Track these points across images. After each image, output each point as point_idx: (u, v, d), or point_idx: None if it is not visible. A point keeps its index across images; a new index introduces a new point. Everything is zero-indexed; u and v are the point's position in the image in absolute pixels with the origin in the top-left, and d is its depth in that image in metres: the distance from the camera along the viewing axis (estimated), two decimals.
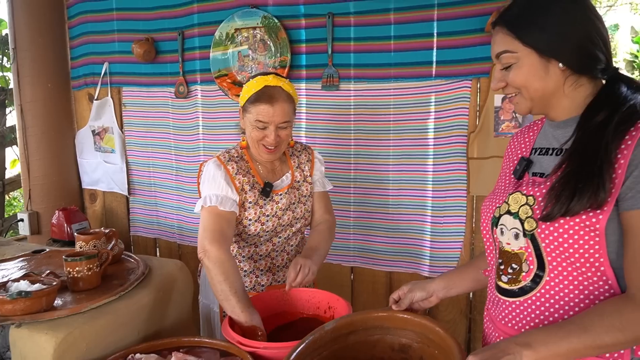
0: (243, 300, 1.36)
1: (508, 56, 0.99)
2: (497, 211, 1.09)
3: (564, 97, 1.01)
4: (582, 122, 0.98)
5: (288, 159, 1.68)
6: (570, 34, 0.95)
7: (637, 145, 0.89)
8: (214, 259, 1.41)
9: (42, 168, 2.84)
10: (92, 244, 1.47)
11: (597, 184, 0.89)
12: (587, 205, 0.90)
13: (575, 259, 0.94)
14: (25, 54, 2.74)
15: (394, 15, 2.07)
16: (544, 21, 0.96)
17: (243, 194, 1.55)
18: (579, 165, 0.93)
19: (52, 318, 1.20)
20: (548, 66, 0.98)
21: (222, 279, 1.39)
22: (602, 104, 0.96)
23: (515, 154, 1.17)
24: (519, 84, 1.01)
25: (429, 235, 2.14)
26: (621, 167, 0.89)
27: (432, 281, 1.28)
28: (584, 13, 0.96)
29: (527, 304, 1.02)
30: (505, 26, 0.99)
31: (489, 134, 1.97)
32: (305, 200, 1.67)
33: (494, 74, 1.05)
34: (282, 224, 1.61)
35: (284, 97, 1.50)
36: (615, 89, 0.97)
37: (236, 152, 1.61)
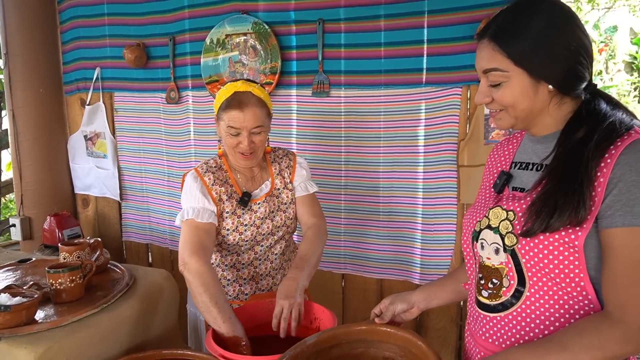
0: (224, 311, 1.35)
1: (498, 74, 0.97)
2: (477, 225, 1.09)
3: (547, 115, 1.00)
4: (562, 139, 0.97)
5: (269, 166, 1.66)
6: (562, 56, 0.93)
7: (616, 163, 0.88)
8: (193, 271, 1.40)
9: (34, 173, 2.83)
10: (75, 255, 1.46)
11: (578, 202, 0.89)
12: (567, 222, 0.90)
13: (555, 274, 0.93)
14: (17, 59, 2.73)
15: (384, 22, 2.06)
16: (536, 41, 0.93)
17: (221, 204, 1.55)
18: (559, 182, 0.92)
19: (31, 332, 1.19)
20: (538, 87, 0.96)
21: (202, 290, 1.38)
22: (582, 121, 0.96)
23: (495, 167, 1.16)
24: (506, 104, 0.99)
25: (420, 242, 2.13)
26: (601, 185, 0.89)
27: (413, 293, 1.29)
28: (575, 32, 0.94)
29: (507, 320, 1.02)
30: (495, 42, 0.96)
31: (479, 142, 1.96)
32: (285, 207, 1.65)
33: (479, 87, 1.02)
34: (261, 233, 1.60)
35: (254, 102, 1.49)
36: (594, 105, 0.97)
37: (214, 162, 1.61)
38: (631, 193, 0.86)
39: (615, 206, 0.87)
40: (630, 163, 0.87)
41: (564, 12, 0.96)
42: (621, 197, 0.87)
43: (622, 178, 0.87)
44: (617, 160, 0.88)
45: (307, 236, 1.65)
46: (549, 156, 0.97)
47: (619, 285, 0.88)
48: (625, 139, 0.89)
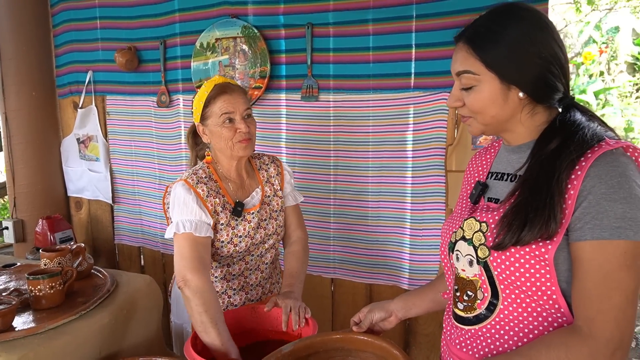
0: (223, 334, 1.35)
1: (469, 77, 0.97)
2: (453, 236, 1.08)
3: (519, 123, 0.99)
4: (535, 150, 0.96)
5: (257, 173, 1.64)
6: (533, 63, 0.93)
7: (586, 175, 0.87)
8: (194, 289, 1.36)
9: (27, 176, 2.84)
10: (56, 261, 1.46)
11: (548, 215, 0.88)
12: (538, 236, 0.89)
13: (527, 287, 0.93)
14: (10, 62, 2.74)
15: (372, 27, 2.05)
16: (508, 47, 0.93)
17: (216, 216, 1.50)
18: (531, 195, 0.92)
19: (7, 339, 1.19)
20: (508, 93, 0.95)
21: (202, 310, 1.35)
22: (556, 132, 0.95)
23: (473, 177, 1.15)
24: (476, 109, 0.98)
25: (408, 247, 2.12)
26: (571, 198, 0.88)
27: (392, 301, 1.28)
28: (548, 42, 0.94)
29: (482, 332, 1.01)
30: (469, 44, 0.97)
31: (466, 147, 1.95)
32: (276, 215, 1.64)
33: (452, 90, 1.02)
34: (254, 243, 1.58)
35: (238, 88, 1.54)
36: (569, 116, 0.96)
37: (204, 172, 1.54)
38: (600, 206, 0.85)
39: (585, 219, 0.86)
40: (600, 175, 0.86)
41: (539, 21, 0.95)
42: (590, 209, 0.86)
43: (591, 190, 0.86)
44: (587, 173, 0.87)
45: (295, 252, 1.66)
46: (523, 167, 0.97)
47: (587, 299, 0.87)
48: (596, 151, 0.88)
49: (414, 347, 2.22)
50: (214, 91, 1.49)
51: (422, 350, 2.20)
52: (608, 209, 0.84)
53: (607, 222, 0.84)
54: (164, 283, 2.78)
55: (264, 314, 1.53)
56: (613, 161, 0.86)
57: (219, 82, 1.52)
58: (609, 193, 0.85)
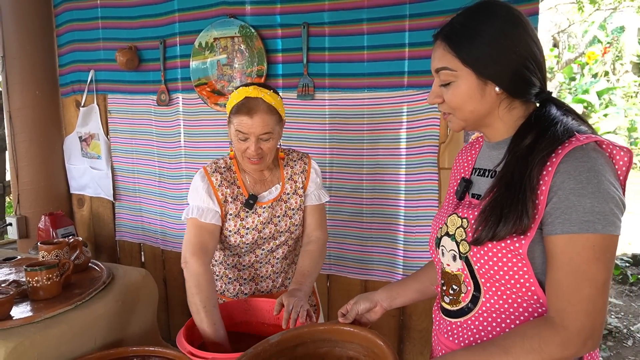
0: (210, 316, 1.39)
1: (447, 73, 0.99)
2: (439, 232, 1.11)
3: (497, 118, 1.02)
4: (511, 146, 0.99)
5: (281, 169, 1.63)
6: (508, 58, 0.95)
7: (556, 171, 0.89)
8: (191, 271, 1.44)
9: (30, 174, 2.89)
10: (54, 254, 1.50)
11: (521, 211, 0.90)
12: (512, 231, 0.91)
13: (505, 280, 0.96)
14: (14, 62, 2.80)
15: (366, 26, 2.09)
16: (484, 43, 0.95)
17: (226, 205, 1.54)
18: (506, 191, 0.94)
19: (4, 327, 1.23)
20: (485, 88, 0.98)
21: (195, 292, 1.41)
22: (531, 127, 0.97)
23: (458, 173, 1.18)
24: (454, 105, 1.01)
25: (402, 244, 2.15)
26: (543, 194, 0.90)
27: (376, 292, 1.31)
28: (523, 37, 0.96)
29: (467, 324, 1.04)
30: (446, 42, 0.99)
31: (459, 145, 1.98)
32: (292, 213, 1.62)
33: (432, 87, 1.05)
34: (263, 237, 1.59)
35: (264, 109, 1.46)
36: (545, 111, 0.98)
37: (224, 162, 1.59)
38: (569, 201, 0.87)
39: (555, 214, 0.89)
40: (569, 171, 0.88)
41: (513, 17, 0.98)
42: (560, 205, 0.88)
43: (561, 186, 0.88)
44: (557, 168, 0.89)
45: (311, 252, 1.63)
46: (501, 163, 0.99)
47: (559, 292, 0.89)
48: (566, 146, 0.90)
49: (408, 343, 2.24)
50: (239, 105, 1.46)
51: (415, 346, 2.23)
52: (577, 203, 0.87)
53: (575, 217, 0.87)
54: (164, 279, 2.83)
55: (257, 307, 1.56)
56: (582, 157, 0.89)
57: (251, 95, 1.46)
58: (577, 188, 0.87)
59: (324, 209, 1.70)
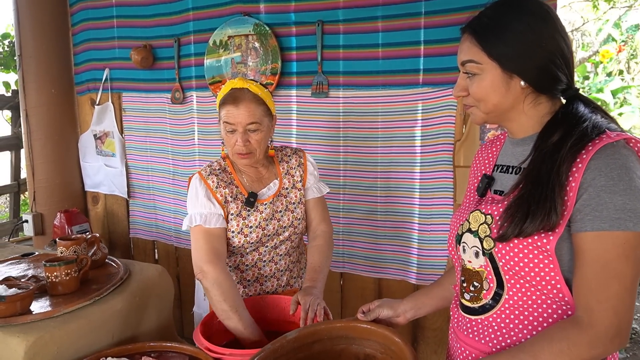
0: (244, 318, 1.40)
1: (472, 66, 0.99)
2: (460, 229, 1.10)
3: (522, 113, 1.01)
4: (538, 142, 0.98)
5: (277, 165, 1.63)
6: (534, 53, 0.95)
7: (587, 168, 0.88)
8: (211, 280, 1.42)
9: (46, 171, 2.92)
10: (72, 250, 1.51)
11: (550, 207, 0.90)
12: (540, 227, 0.91)
13: (531, 277, 0.95)
14: (30, 61, 2.83)
15: (381, 23, 2.08)
16: (510, 37, 0.95)
17: (227, 206, 1.53)
18: (533, 187, 0.93)
19: (25, 322, 1.24)
20: (510, 82, 0.97)
21: (221, 299, 1.40)
22: (558, 124, 0.96)
23: (479, 170, 1.17)
24: (479, 97, 1.01)
25: (417, 242, 2.14)
26: (572, 190, 0.89)
27: (401, 302, 1.29)
28: (551, 33, 0.96)
29: (487, 322, 1.03)
30: (473, 35, 0.99)
31: (474, 143, 1.96)
32: (293, 207, 1.62)
33: (458, 80, 1.05)
34: (267, 234, 1.57)
35: (250, 98, 1.46)
36: (572, 108, 0.97)
37: (218, 164, 1.59)
38: (600, 198, 0.87)
39: (585, 210, 0.88)
40: (600, 168, 0.88)
41: (544, 13, 0.97)
42: (590, 201, 0.87)
43: (592, 183, 0.88)
44: (588, 165, 0.88)
45: (319, 246, 1.63)
46: (527, 159, 0.99)
47: (587, 289, 0.88)
48: (597, 143, 0.89)
49: (422, 342, 2.23)
50: (225, 97, 1.49)
51: (429, 345, 2.21)
52: (608, 200, 0.86)
53: (606, 214, 0.86)
54: (177, 276, 2.84)
55: (273, 304, 1.57)
56: (614, 153, 0.88)
57: (236, 86, 1.49)
58: (608, 185, 0.86)
59: (325, 202, 1.71)
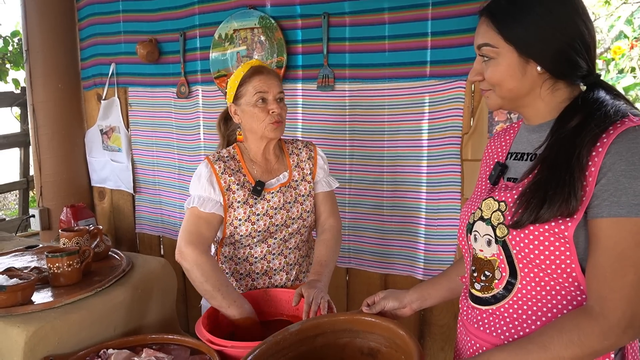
0: (228, 296, 1.38)
1: (488, 50, 0.97)
2: (471, 217, 1.07)
3: (539, 99, 0.98)
4: (555, 127, 0.95)
5: (287, 157, 1.63)
6: (552, 38, 0.92)
7: (607, 152, 0.85)
8: (190, 262, 1.42)
9: (53, 166, 2.93)
10: (74, 241, 1.51)
11: (569, 192, 0.87)
12: (558, 213, 0.88)
13: (546, 265, 0.92)
14: (37, 55, 2.83)
15: (388, 15, 2.05)
16: (528, 20, 0.93)
17: (230, 194, 1.52)
18: (550, 172, 0.90)
19: (26, 312, 1.24)
20: (526, 67, 0.95)
21: (203, 280, 1.40)
22: (578, 110, 0.93)
23: (492, 158, 1.14)
24: (494, 82, 0.99)
25: (423, 237, 2.11)
26: (592, 175, 0.86)
27: (407, 292, 1.27)
28: (570, 16, 0.93)
29: (499, 312, 1.01)
30: (489, 18, 0.97)
31: (482, 136, 1.93)
32: (303, 200, 1.61)
33: (474, 65, 1.03)
34: (275, 224, 1.56)
35: (273, 72, 1.56)
36: (592, 95, 0.94)
37: (227, 152, 1.59)
38: (619, 183, 0.83)
39: (603, 196, 0.85)
40: (621, 152, 0.84)
41: None
42: (609, 186, 0.84)
43: (611, 167, 0.85)
44: (609, 149, 0.85)
45: (326, 240, 1.62)
46: (542, 145, 0.96)
47: (601, 277, 0.86)
48: (619, 127, 0.86)
49: (429, 338, 2.20)
50: (250, 71, 1.52)
51: (436, 342, 2.19)
52: (627, 186, 0.83)
53: (625, 200, 0.83)
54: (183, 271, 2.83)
55: (276, 298, 1.55)
56: (636, 138, 0.85)
57: (255, 64, 1.55)
58: (628, 170, 0.83)
59: (334, 196, 1.70)
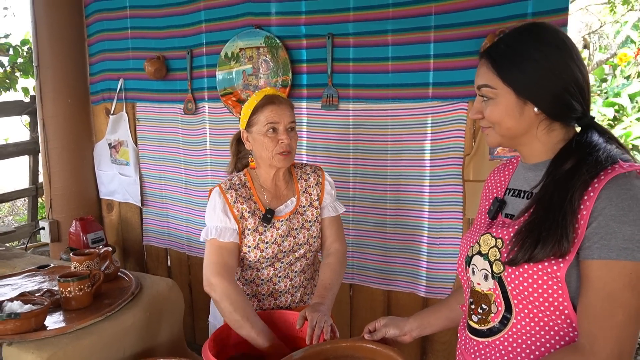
0: (256, 325, 1.43)
1: (488, 90, 1.02)
2: (470, 250, 1.11)
3: (535, 139, 1.02)
4: (550, 169, 0.99)
5: (295, 183, 1.66)
6: (549, 82, 0.96)
7: (598, 197, 0.89)
8: (220, 293, 1.46)
9: (62, 179, 2.98)
10: (85, 265, 1.55)
11: (561, 234, 0.90)
12: (551, 254, 0.91)
13: (539, 302, 0.95)
14: (47, 71, 2.89)
15: (391, 37, 2.08)
16: (526, 65, 0.97)
17: (243, 221, 1.56)
18: (544, 213, 0.94)
19: (39, 338, 1.28)
20: (524, 108, 0.99)
21: (232, 309, 1.43)
22: (572, 152, 0.97)
23: (491, 193, 1.18)
24: (493, 120, 1.03)
25: (425, 255, 2.14)
26: (584, 218, 0.90)
27: (407, 321, 1.31)
28: (566, 62, 0.97)
29: (495, 345, 1.04)
30: (489, 61, 1.01)
31: (484, 157, 1.96)
32: (309, 225, 1.64)
33: (474, 103, 1.08)
34: (282, 250, 1.60)
35: (286, 101, 1.58)
36: (586, 137, 0.98)
37: (239, 179, 1.62)
38: (609, 227, 0.87)
39: (594, 239, 0.89)
40: (611, 197, 0.88)
41: (560, 43, 0.98)
42: (599, 230, 0.88)
43: (602, 212, 0.88)
44: (599, 194, 0.89)
45: (331, 264, 1.65)
46: (538, 185, 1.00)
47: (591, 317, 0.89)
48: (609, 173, 0.90)
49: (431, 355, 2.23)
50: (263, 100, 1.54)
51: (438, 358, 2.22)
52: (617, 230, 0.87)
53: (614, 243, 0.87)
54: (189, 284, 2.88)
55: (281, 320, 1.58)
56: (625, 184, 0.89)
57: (269, 93, 1.58)
58: (618, 215, 0.87)
59: (340, 221, 1.73)
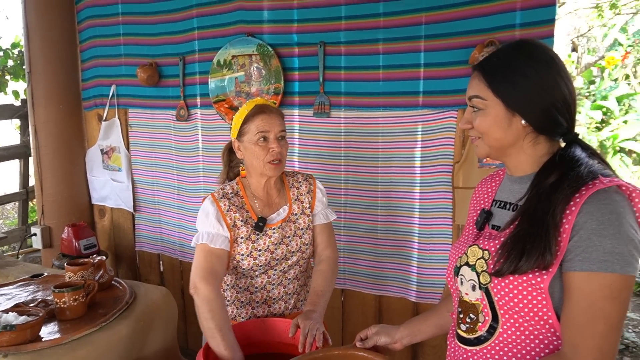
0: (227, 339, 1.43)
1: (478, 101, 1.05)
2: (458, 261, 1.14)
3: (522, 151, 1.06)
4: (535, 182, 1.03)
5: (287, 191, 1.68)
6: (538, 96, 1.00)
7: (580, 211, 0.93)
8: (202, 297, 1.46)
9: (54, 185, 2.98)
10: (79, 275, 1.56)
11: (544, 247, 0.94)
12: (535, 266, 0.95)
13: (525, 312, 0.99)
14: (39, 77, 2.89)
15: (382, 46, 2.11)
16: (517, 80, 1.01)
17: (235, 230, 1.58)
18: (529, 226, 0.98)
19: (35, 349, 1.29)
20: (512, 119, 1.03)
21: (209, 316, 1.44)
22: (556, 166, 1.01)
23: (479, 204, 1.21)
24: (482, 130, 1.06)
25: (416, 261, 2.17)
26: (566, 232, 0.93)
27: (398, 329, 1.34)
28: (555, 79, 1.01)
29: (482, 353, 1.07)
30: (482, 73, 1.06)
31: (473, 165, 1.99)
32: (302, 233, 1.66)
33: (464, 114, 1.11)
34: (275, 258, 1.61)
35: (276, 111, 1.60)
36: (570, 152, 1.02)
37: (231, 188, 1.64)
38: (590, 240, 0.91)
39: (575, 251, 0.92)
40: (592, 212, 0.92)
41: (549, 60, 1.02)
42: (581, 243, 0.92)
43: (583, 226, 0.92)
44: (581, 209, 0.93)
45: (322, 271, 1.67)
46: (523, 197, 1.03)
47: (573, 326, 0.93)
48: (590, 188, 0.93)
49: (422, 358, 2.27)
50: (254, 110, 1.57)
51: None
52: (597, 243, 0.90)
53: (595, 256, 0.90)
54: (182, 289, 2.89)
55: (273, 327, 1.60)
56: (605, 199, 0.92)
57: (260, 102, 1.60)
58: (599, 229, 0.90)
59: (332, 228, 1.75)
